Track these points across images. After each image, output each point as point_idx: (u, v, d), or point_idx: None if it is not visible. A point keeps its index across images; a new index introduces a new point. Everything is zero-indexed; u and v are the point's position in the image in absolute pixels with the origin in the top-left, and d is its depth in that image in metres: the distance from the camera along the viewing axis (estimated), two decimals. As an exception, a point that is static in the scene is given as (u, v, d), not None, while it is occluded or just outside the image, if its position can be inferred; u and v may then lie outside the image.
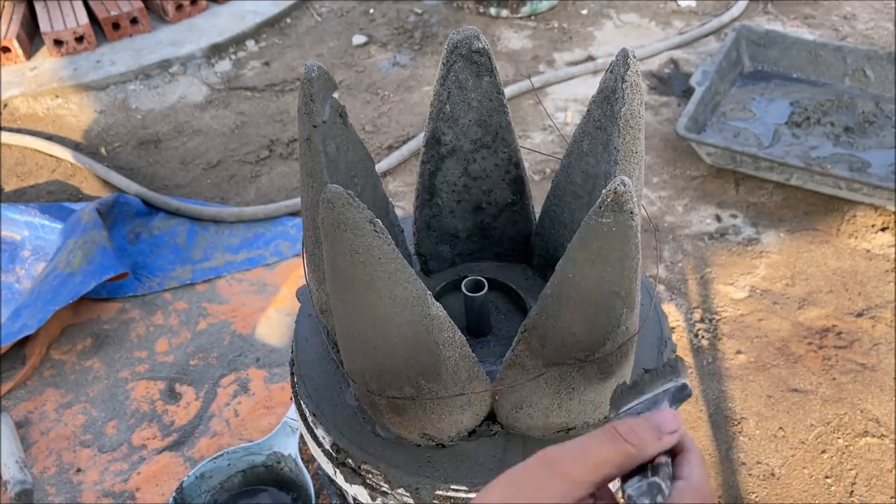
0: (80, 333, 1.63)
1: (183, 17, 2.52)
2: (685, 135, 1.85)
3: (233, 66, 2.41)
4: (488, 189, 0.92)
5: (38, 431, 1.46)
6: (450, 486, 0.75)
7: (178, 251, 1.80)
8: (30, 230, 1.81)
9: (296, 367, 0.89)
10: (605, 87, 0.75)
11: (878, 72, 2.08)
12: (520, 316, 0.91)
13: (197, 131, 2.18)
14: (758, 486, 1.31)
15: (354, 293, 0.65)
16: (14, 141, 2.14)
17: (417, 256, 0.98)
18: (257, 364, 1.55)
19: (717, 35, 2.49)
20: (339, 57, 2.46)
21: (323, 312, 0.85)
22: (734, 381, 1.47)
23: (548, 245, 0.93)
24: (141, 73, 2.35)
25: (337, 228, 0.60)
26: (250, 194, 1.98)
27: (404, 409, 0.73)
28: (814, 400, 1.43)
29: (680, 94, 2.23)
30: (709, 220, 1.82)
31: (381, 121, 2.17)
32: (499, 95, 0.84)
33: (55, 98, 2.29)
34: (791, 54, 2.16)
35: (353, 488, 0.81)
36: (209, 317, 1.66)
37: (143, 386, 1.53)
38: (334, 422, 0.82)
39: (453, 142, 0.87)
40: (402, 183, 1.98)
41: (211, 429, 1.44)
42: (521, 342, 0.70)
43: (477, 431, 0.79)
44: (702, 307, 1.61)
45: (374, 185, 0.87)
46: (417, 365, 0.69)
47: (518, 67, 2.39)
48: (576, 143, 0.82)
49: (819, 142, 1.96)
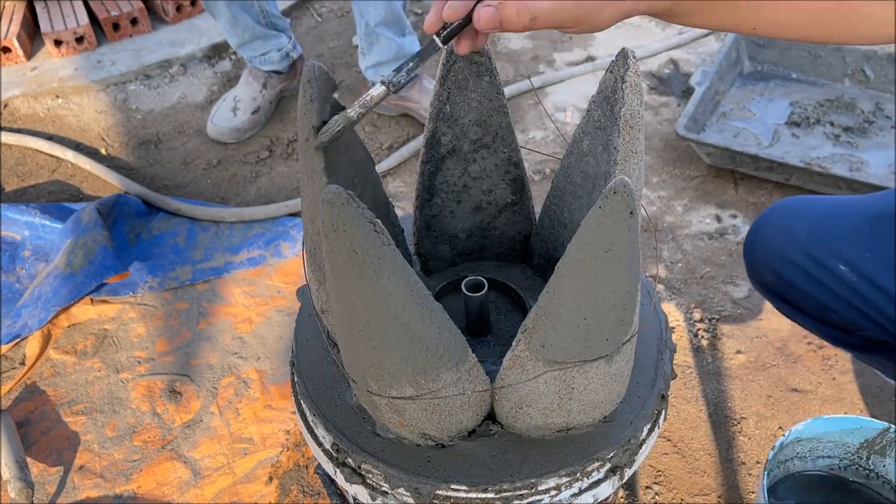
0: (80, 333, 1.63)
1: (183, 17, 2.52)
2: (685, 135, 1.85)
3: (233, 67, 2.41)
4: (488, 189, 0.92)
5: (39, 431, 1.46)
6: (450, 486, 0.75)
7: (178, 251, 1.80)
8: (30, 230, 1.81)
9: (296, 367, 0.89)
10: (605, 87, 0.75)
11: (878, 72, 2.08)
12: (520, 316, 0.91)
13: (197, 131, 2.18)
14: (758, 486, 1.31)
15: (354, 293, 0.65)
16: (14, 141, 2.14)
17: (417, 256, 0.98)
18: (257, 364, 1.55)
19: (716, 35, 2.49)
20: (339, 57, 2.46)
21: (323, 312, 0.85)
22: (734, 381, 1.47)
23: (548, 245, 0.93)
24: (141, 73, 2.35)
25: (337, 228, 0.60)
26: (250, 194, 1.98)
27: (404, 409, 0.74)
28: (814, 400, 1.43)
29: (680, 95, 2.23)
30: (708, 220, 1.82)
31: (381, 121, 2.17)
32: (499, 96, 0.84)
33: (55, 98, 2.29)
34: (791, 54, 2.16)
35: (353, 488, 0.81)
36: (209, 317, 1.66)
37: (143, 386, 1.53)
38: (334, 422, 0.82)
39: (453, 142, 0.87)
40: (402, 183, 1.98)
41: (211, 429, 1.44)
42: (521, 342, 0.70)
43: (477, 431, 0.80)
44: (702, 307, 1.61)
45: (374, 185, 0.87)
46: (417, 365, 0.69)
47: (518, 67, 2.39)
48: (576, 143, 0.82)
49: (819, 142, 1.96)
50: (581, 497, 0.79)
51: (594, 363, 0.71)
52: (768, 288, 1.14)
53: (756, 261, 1.13)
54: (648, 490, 1.32)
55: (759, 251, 1.12)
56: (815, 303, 1.07)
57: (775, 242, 1.09)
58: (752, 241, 1.14)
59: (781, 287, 1.11)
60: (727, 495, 1.30)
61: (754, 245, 1.13)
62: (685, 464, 1.35)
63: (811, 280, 1.05)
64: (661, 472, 1.34)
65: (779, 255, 1.08)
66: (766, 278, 1.12)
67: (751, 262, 1.15)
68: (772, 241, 1.09)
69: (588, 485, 0.79)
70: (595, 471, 0.79)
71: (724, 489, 1.31)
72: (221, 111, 2.13)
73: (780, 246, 1.08)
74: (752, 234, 1.14)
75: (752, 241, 1.14)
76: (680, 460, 1.35)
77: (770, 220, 1.12)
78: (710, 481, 1.32)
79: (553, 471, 0.76)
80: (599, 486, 0.80)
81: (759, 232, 1.13)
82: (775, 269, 1.09)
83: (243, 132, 2.12)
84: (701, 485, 1.32)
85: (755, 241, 1.13)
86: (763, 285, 1.15)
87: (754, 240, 1.14)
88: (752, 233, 1.14)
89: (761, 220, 1.14)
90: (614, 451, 0.79)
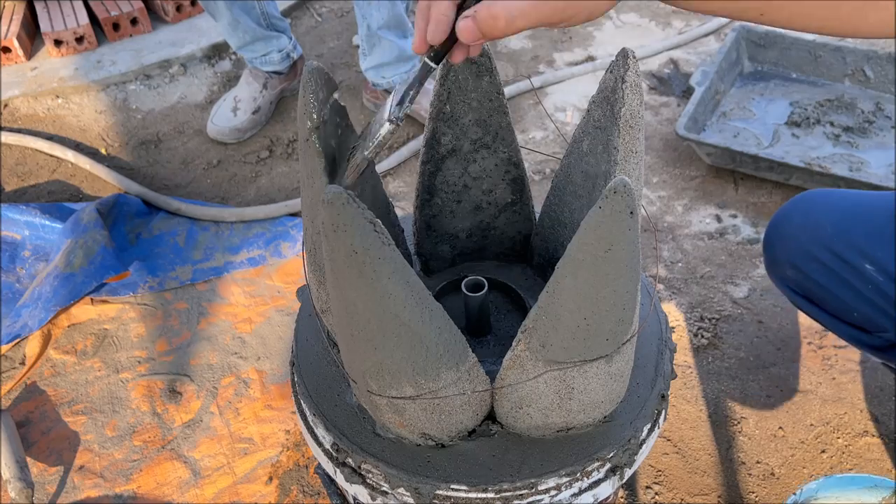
0: (80, 333, 1.63)
1: (183, 17, 2.52)
2: (685, 135, 1.85)
3: (233, 67, 2.41)
4: (488, 189, 0.92)
5: (39, 431, 1.46)
6: (450, 485, 0.76)
7: (178, 251, 1.80)
8: (30, 230, 1.81)
9: (296, 367, 0.89)
10: (605, 87, 0.75)
11: (878, 72, 2.08)
12: (520, 316, 0.91)
13: (197, 131, 2.18)
14: (758, 486, 1.31)
15: (354, 293, 0.65)
16: (14, 141, 2.14)
17: (417, 256, 0.98)
18: (257, 364, 1.55)
19: (716, 35, 2.49)
20: (339, 57, 2.46)
21: (323, 312, 0.85)
22: (734, 381, 1.47)
23: (548, 245, 0.93)
24: (141, 73, 2.35)
25: (337, 228, 0.60)
26: (250, 194, 1.98)
27: (404, 409, 0.74)
28: (814, 400, 1.44)
29: (680, 94, 2.23)
30: (708, 220, 1.82)
31: (381, 121, 2.17)
32: (499, 95, 0.84)
33: (55, 98, 2.29)
34: (791, 54, 2.16)
35: (353, 488, 0.81)
36: (209, 317, 1.66)
37: (143, 386, 1.53)
38: (334, 422, 0.82)
39: (453, 142, 0.87)
40: (402, 183, 1.98)
41: (211, 429, 1.44)
42: (521, 342, 0.70)
43: (477, 431, 0.80)
44: (702, 307, 1.61)
45: (375, 186, 0.87)
46: (417, 365, 0.69)
47: (518, 67, 2.39)
48: (576, 143, 0.82)
49: (819, 142, 1.96)
50: (581, 497, 0.79)
51: (594, 363, 0.71)
52: (787, 283, 1.10)
53: (776, 255, 1.10)
54: (648, 490, 1.32)
55: (780, 245, 1.09)
56: (836, 301, 1.04)
57: (799, 237, 1.05)
58: (773, 234, 1.10)
59: (801, 283, 1.08)
60: (727, 495, 1.30)
61: (775, 238, 1.10)
62: (685, 464, 1.35)
63: (834, 277, 1.02)
64: (661, 472, 1.34)
65: (801, 251, 1.05)
66: (787, 273, 1.09)
67: (770, 255, 1.11)
68: (795, 235, 1.06)
69: (588, 485, 0.79)
70: (595, 471, 0.79)
71: (724, 489, 1.31)
72: (222, 111, 2.13)
73: (803, 241, 1.05)
74: (772, 227, 1.10)
75: (773, 234, 1.10)
76: (680, 460, 1.36)
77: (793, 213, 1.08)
78: (710, 481, 1.32)
79: (553, 471, 0.76)
80: (599, 486, 0.80)
81: (780, 225, 1.09)
82: (797, 265, 1.05)
83: (243, 132, 2.12)
84: (701, 485, 1.32)
85: (776, 234, 1.09)
86: (782, 280, 1.12)
87: (775, 233, 1.10)
88: (773, 225, 1.10)
89: (782, 212, 1.10)
90: (614, 451, 0.79)
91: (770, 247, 1.11)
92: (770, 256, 1.12)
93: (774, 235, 1.10)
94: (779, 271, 1.11)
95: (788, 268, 1.08)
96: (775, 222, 1.10)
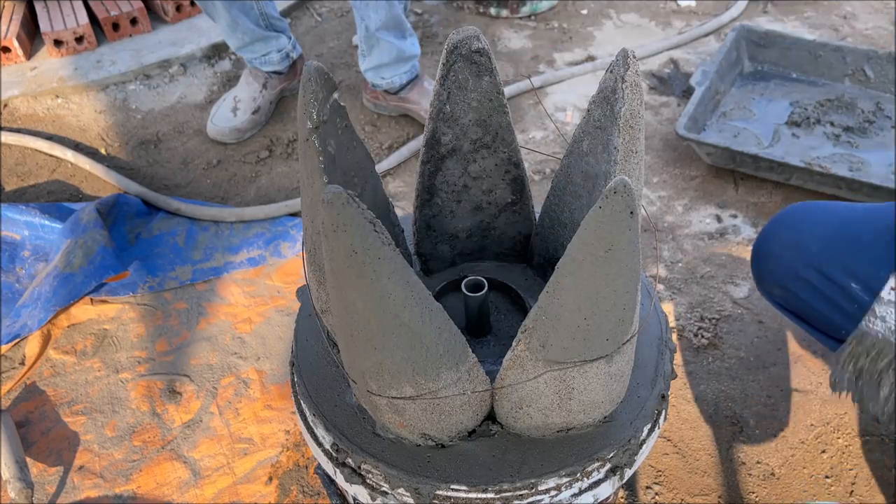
0: (80, 333, 1.63)
1: (183, 17, 2.52)
2: (685, 135, 1.85)
3: (233, 66, 2.41)
4: (488, 189, 0.92)
5: (39, 431, 1.46)
6: (450, 486, 0.75)
7: (178, 251, 1.80)
8: (30, 230, 1.81)
9: (296, 367, 0.89)
10: (605, 87, 0.75)
11: (878, 72, 2.08)
12: (520, 316, 0.91)
13: (197, 131, 2.18)
14: (758, 486, 1.31)
15: (354, 293, 0.65)
16: (14, 141, 2.14)
17: (417, 256, 0.98)
18: (257, 364, 1.55)
19: (716, 35, 2.49)
20: (339, 57, 2.46)
21: (323, 312, 0.85)
22: (734, 381, 1.47)
23: (548, 245, 0.93)
24: (141, 73, 2.35)
25: (337, 228, 0.60)
26: (250, 194, 1.98)
27: (404, 409, 0.73)
28: (814, 400, 1.43)
29: (680, 94, 2.23)
30: (708, 220, 1.82)
31: (381, 121, 2.17)
32: (499, 95, 0.84)
33: (55, 98, 2.29)
34: (791, 54, 2.16)
35: (353, 488, 0.81)
36: (209, 317, 1.66)
37: (143, 386, 1.53)
38: (334, 422, 0.82)
39: (453, 142, 0.87)
40: (402, 183, 1.98)
41: (211, 429, 1.44)
42: (521, 342, 0.70)
43: (477, 431, 0.80)
44: (702, 307, 1.61)
45: (374, 186, 0.87)
46: (417, 365, 0.69)
47: (518, 67, 2.39)
48: (576, 143, 0.82)
49: (819, 142, 1.96)
50: (581, 497, 0.79)
51: (594, 363, 0.70)
52: (776, 300, 1.12)
53: (763, 273, 1.10)
54: (648, 490, 1.32)
55: (767, 263, 1.09)
56: (824, 318, 1.04)
57: (785, 256, 1.06)
58: (760, 250, 1.10)
59: (789, 300, 1.08)
60: (727, 495, 1.30)
61: (762, 255, 1.10)
62: (685, 464, 1.35)
63: (821, 297, 1.02)
64: (661, 472, 1.34)
65: (788, 270, 1.05)
66: (774, 291, 1.09)
67: (758, 272, 1.11)
68: (781, 254, 1.06)
69: (588, 485, 0.79)
70: (595, 471, 0.79)
71: (725, 489, 1.31)
72: (221, 111, 2.13)
73: (789, 261, 1.05)
74: (760, 243, 1.10)
75: (760, 250, 1.10)
76: (680, 460, 1.35)
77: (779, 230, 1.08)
78: (711, 481, 1.32)
79: (553, 471, 0.76)
80: (599, 486, 0.80)
81: (767, 242, 1.09)
82: (784, 284, 1.06)
83: (243, 132, 2.12)
84: (701, 485, 1.32)
85: (763, 250, 1.10)
86: (770, 296, 1.12)
87: (762, 249, 1.10)
88: (760, 242, 1.10)
89: (769, 228, 1.10)
90: (614, 452, 0.79)
91: (757, 264, 1.12)
92: (757, 274, 1.12)
93: (761, 253, 1.10)
94: (767, 288, 1.12)
95: (776, 286, 1.08)
96: (762, 239, 1.11)
